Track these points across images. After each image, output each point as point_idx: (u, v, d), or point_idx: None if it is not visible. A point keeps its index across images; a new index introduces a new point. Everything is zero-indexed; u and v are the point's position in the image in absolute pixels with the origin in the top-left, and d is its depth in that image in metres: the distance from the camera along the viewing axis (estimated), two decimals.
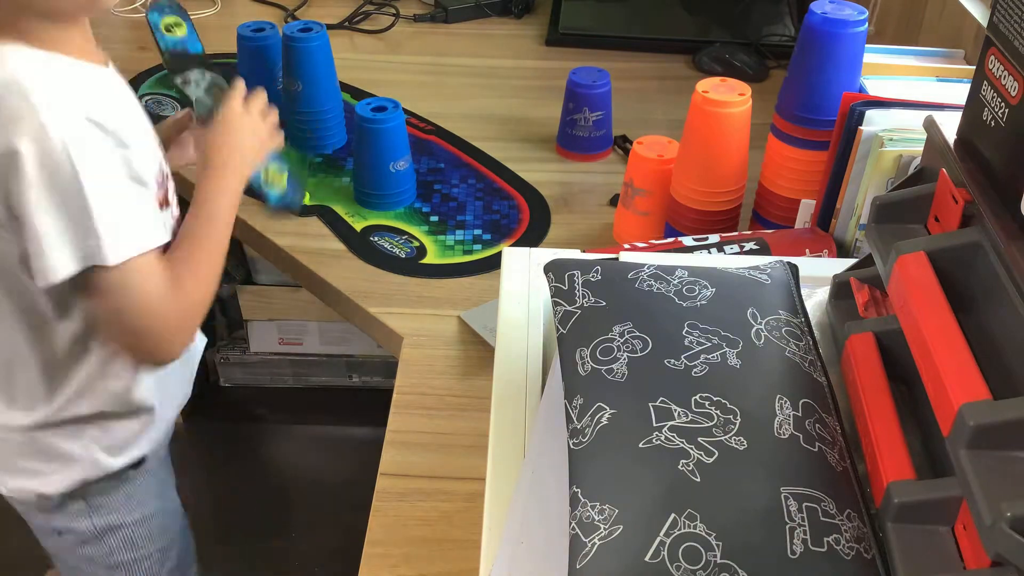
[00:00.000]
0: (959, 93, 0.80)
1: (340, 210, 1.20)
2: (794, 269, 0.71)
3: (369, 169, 1.19)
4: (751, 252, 0.96)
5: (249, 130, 0.95)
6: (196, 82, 0.95)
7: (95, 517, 0.96)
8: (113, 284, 0.77)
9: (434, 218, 1.20)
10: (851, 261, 0.76)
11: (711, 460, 0.54)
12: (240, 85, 0.96)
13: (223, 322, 1.90)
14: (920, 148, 0.77)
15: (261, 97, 0.98)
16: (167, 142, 0.98)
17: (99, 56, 0.81)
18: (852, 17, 0.94)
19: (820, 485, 0.55)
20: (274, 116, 0.99)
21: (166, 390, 0.95)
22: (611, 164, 1.33)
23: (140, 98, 1.40)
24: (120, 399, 0.89)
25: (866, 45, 0.97)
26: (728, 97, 0.99)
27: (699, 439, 0.55)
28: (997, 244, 0.55)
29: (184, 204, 0.91)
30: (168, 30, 0.95)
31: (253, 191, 0.96)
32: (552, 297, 0.68)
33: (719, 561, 0.51)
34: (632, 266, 0.68)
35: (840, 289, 0.73)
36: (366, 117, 1.16)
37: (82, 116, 0.74)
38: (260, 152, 0.96)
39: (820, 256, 0.96)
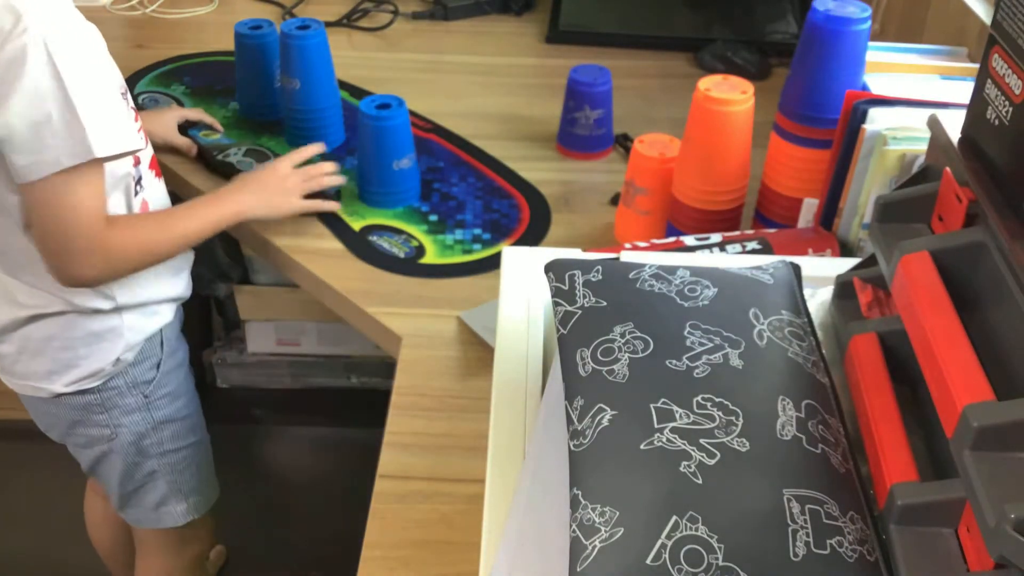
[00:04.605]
0: (963, 91, 0.79)
1: (339, 209, 1.20)
2: (797, 269, 0.70)
3: (372, 167, 1.19)
4: (753, 252, 0.95)
5: (277, 178, 1.13)
6: (232, 153, 1.27)
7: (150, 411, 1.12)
8: (57, 189, 0.88)
9: (433, 217, 1.19)
10: (854, 261, 0.76)
11: (713, 462, 0.54)
12: (299, 153, 1.18)
13: (220, 322, 1.89)
14: (924, 147, 0.77)
15: (304, 156, 1.18)
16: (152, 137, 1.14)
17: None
18: (855, 15, 0.94)
19: (823, 487, 0.54)
20: (320, 179, 1.16)
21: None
22: (612, 163, 1.32)
23: (137, 95, 1.39)
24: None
25: (869, 43, 0.97)
26: (730, 95, 0.98)
27: (701, 440, 0.55)
28: (1001, 244, 0.55)
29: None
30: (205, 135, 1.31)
31: None
32: (552, 297, 0.67)
33: (721, 564, 0.50)
34: (633, 266, 0.68)
35: (843, 289, 0.73)
36: (370, 114, 1.16)
37: (73, 29, 0.87)
38: (283, 200, 1.12)
39: (823, 256, 0.95)
